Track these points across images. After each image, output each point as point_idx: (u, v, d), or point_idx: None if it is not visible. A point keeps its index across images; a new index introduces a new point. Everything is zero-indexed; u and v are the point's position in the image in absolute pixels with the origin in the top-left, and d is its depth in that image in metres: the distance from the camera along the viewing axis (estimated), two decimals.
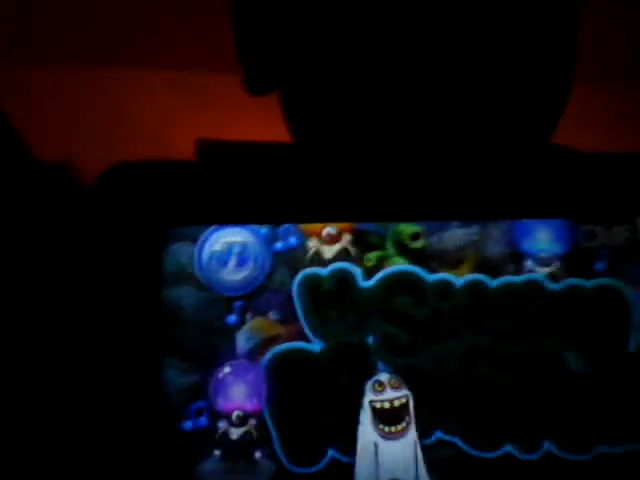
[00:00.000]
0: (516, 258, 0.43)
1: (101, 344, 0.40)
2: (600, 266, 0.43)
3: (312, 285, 0.42)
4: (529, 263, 0.43)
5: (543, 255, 0.43)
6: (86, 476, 0.40)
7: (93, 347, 0.40)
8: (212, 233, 0.42)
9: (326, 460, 0.40)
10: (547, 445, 0.41)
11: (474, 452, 0.41)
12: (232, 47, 0.47)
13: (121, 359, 0.40)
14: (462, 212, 0.43)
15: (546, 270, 0.43)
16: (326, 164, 0.43)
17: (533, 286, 0.42)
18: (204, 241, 0.42)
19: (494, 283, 0.42)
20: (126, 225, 0.41)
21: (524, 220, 0.43)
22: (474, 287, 0.42)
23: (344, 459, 0.41)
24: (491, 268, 0.42)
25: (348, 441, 0.41)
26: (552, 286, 0.42)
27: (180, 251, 0.42)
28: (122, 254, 0.41)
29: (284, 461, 0.40)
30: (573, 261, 0.43)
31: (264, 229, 0.42)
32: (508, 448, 0.41)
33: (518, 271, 0.43)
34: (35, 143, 0.42)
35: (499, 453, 0.41)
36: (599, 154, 0.43)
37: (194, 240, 0.42)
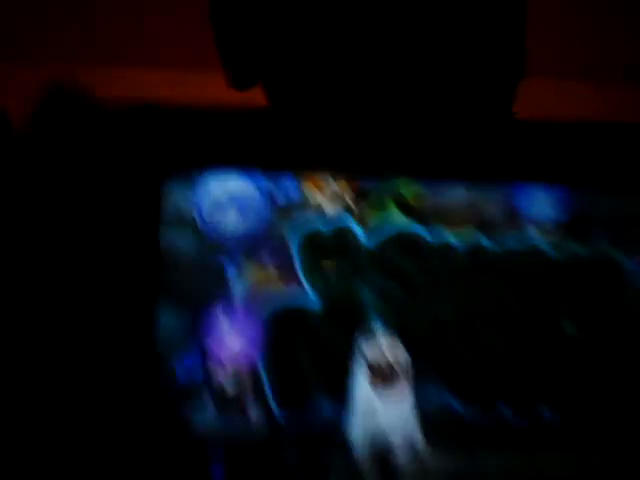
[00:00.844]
0: (515, 221, 0.43)
1: (98, 286, 0.40)
2: (598, 234, 0.43)
3: (312, 240, 0.42)
4: (529, 228, 0.43)
5: (542, 220, 0.43)
6: (80, 423, 0.39)
7: (89, 289, 0.40)
8: (214, 181, 0.42)
9: (319, 412, 0.40)
10: (540, 407, 0.41)
11: (467, 410, 0.41)
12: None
13: (116, 301, 0.40)
14: (465, 173, 0.43)
15: (546, 236, 0.43)
16: (332, 118, 0.43)
17: (532, 251, 0.42)
18: (205, 188, 0.42)
19: (492, 245, 0.42)
20: (128, 168, 0.41)
21: (526, 184, 0.43)
22: (473, 248, 0.42)
23: (337, 413, 0.40)
24: (490, 230, 0.42)
25: (342, 396, 0.41)
26: (551, 252, 0.42)
27: (180, 196, 0.42)
28: (123, 196, 0.41)
29: (277, 412, 0.40)
30: (572, 228, 0.43)
31: (266, 182, 0.42)
32: (502, 408, 0.41)
33: (518, 235, 0.42)
34: None
35: (492, 414, 0.41)
36: (606, 123, 0.43)
37: (195, 186, 0.42)
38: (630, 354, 0.42)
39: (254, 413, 0.40)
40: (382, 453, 0.40)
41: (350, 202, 0.43)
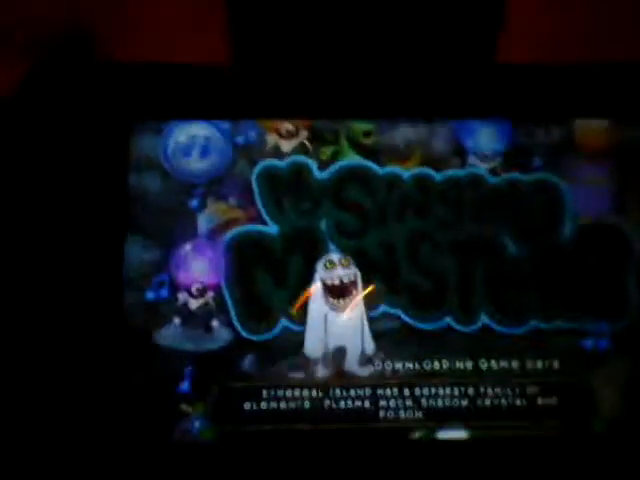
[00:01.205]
0: (460, 154, 0.46)
1: (71, 225, 0.44)
2: (538, 162, 0.46)
3: (270, 175, 0.45)
4: (472, 159, 0.46)
5: (485, 152, 0.47)
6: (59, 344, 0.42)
7: (64, 228, 0.44)
8: (176, 126, 0.46)
9: (279, 329, 0.43)
10: (484, 318, 0.44)
11: (416, 324, 0.44)
12: None
13: (88, 237, 0.43)
14: (410, 111, 0.46)
15: (487, 165, 0.46)
16: (284, 64, 0.47)
17: (475, 179, 0.46)
18: (169, 133, 0.46)
19: (439, 176, 0.46)
20: (96, 118, 0.45)
21: (468, 120, 0.46)
22: (421, 179, 0.46)
23: (295, 328, 0.43)
24: (436, 163, 0.46)
25: (300, 313, 0.44)
26: (493, 180, 0.46)
27: (146, 142, 0.45)
28: (92, 145, 0.45)
29: (239, 329, 0.43)
30: (513, 157, 0.46)
31: (226, 124, 0.46)
32: (448, 320, 0.44)
33: (461, 166, 0.46)
34: None
35: (439, 325, 0.44)
36: (540, 64, 0.46)
37: (159, 132, 0.45)
38: (566, 269, 0.45)
39: (218, 329, 0.44)
40: (337, 360, 0.43)
41: (305, 140, 0.46)
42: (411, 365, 0.43)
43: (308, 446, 0.42)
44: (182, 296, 0.44)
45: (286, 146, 0.46)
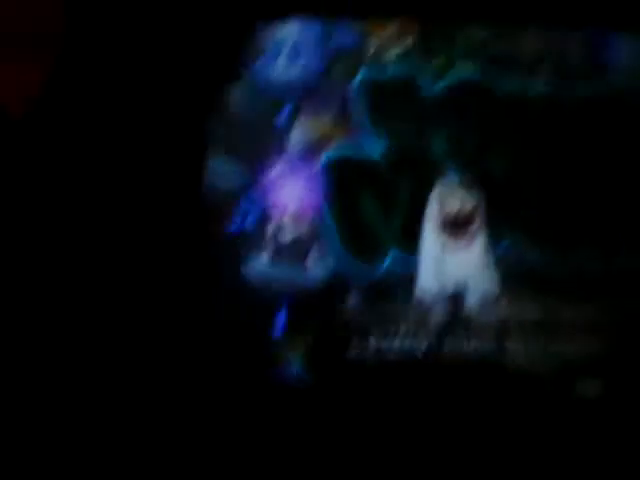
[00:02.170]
0: (596, 67, 0.39)
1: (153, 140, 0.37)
2: None
3: (372, 88, 0.38)
4: (610, 73, 0.39)
5: (622, 66, 0.39)
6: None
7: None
8: (261, 29, 0.38)
9: (388, 262, 0.37)
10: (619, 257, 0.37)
11: (542, 259, 0.37)
12: None
13: (168, 153, 0.36)
14: (537, 16, 0.39)
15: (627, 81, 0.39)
16: None
17: (614, 97, 0.39)
18: (252, 38, 0.38)
19: (567, 93, 0.39)
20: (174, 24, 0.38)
21: (604, 29, 0.39)
22: (551, 97, 0.39)
23: (407, 261, 0.37)
24: (568, 78, 0.39)
25: (413, 241, 0.37)
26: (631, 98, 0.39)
27: (241, 47, 0.38)
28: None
29: (343, 262, 0.36)
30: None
31: (318, 25, 0.39)
32: (580, 255, 0.37)
33: (595, 82, 0.39)
34: None
35: (567, 263, 0.37)
36: None
37: (243, 37, 0.38)
38: None
39: (317, 262, 0.37)
40: (454, 301, 0.36)
41: (412, 47, 0.39)
42: (537, 313, 0.36)
43: (420, 401, 0.35)
44: (273, 225, 0.37)
45: (390, 53, 0.39)
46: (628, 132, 0.39)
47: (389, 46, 0.40)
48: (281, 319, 0.36)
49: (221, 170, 0.38)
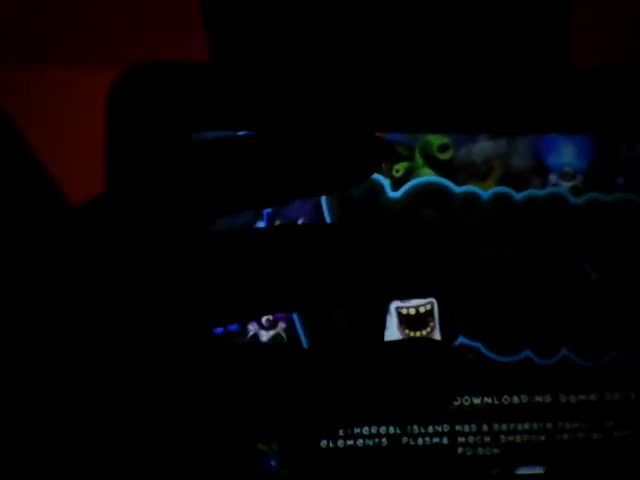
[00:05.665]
0: (541, 172, 0.43)
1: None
2: (620, 181, 0.44)
3: (341, 194, 0.42)
4: (553, 177, 0.44)
5: (567, 169, 0.44)
6: None
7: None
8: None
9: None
10: (564, 351, 0.43)
11: (494, 356, 0.42)
12: None
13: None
14: (490, 125, 0.43)
15: (569, 184, 0.44)
16: (355, 73, 0.43)
17: (556, 199, 0.43)
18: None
19: (519, 196, 0.43)
20: (149, 128, 0.41)
21: (550, 135, 0.43)
22: (499, 199, 0.43)
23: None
24: (516, 181, 0.43)
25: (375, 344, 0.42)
26: (574, 199, 0.44)
27: None
28: (146, 157, 0.41)
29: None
30: (595, 176, 0.44)
31: None
32: (527, 353, 0.42)
33: (542, 184, 0.43)
34: None
35: (518, 358, 0.42)
36: (625, 69, 0.43)
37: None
38: None
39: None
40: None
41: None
42: (490, 400, 0.42)
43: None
44: (252, 327, 0.42)
45: None
46: (565, 228, 0.44)
47: None
48: None
49: None
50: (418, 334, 0.43)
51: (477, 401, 0.42)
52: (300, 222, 0.43)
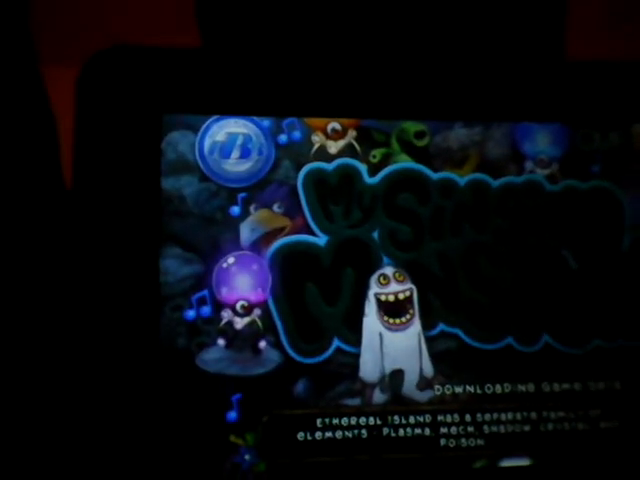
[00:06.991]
0: (517, 159, 0.43)
1: (99, 235, 0.39)
2: (595, 169, 0.44)
3: (317, 179, 0.41)
4: (529, 164, 0.43)
5: (542, 157, 0.44)
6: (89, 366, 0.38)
7: (92, 237, 0.39)
8: (214, 123, 0.41)
9: (331, 350, 0.40)
10: (545, 338, 0.42)
11: (475, 344, 0.41)
12: None
13: (120, 248, 0.39)
14: (466, 113, 0.43)
15: (545, 172, 0.43)
16: (333, 58, 0.42)
17: (532, 186, 0.43)
18: (205, 131, 0.41)
19: (495, 183, 0.43)
20: (123, 111, 0.40)
21: (525, 123, 0.43)
22: (476, 186, 0.43)
23: (349, 349, 0.40)
24: (493, 168, 0.43)
25: (353, 332, 0.41)
26: (550, 187, 0.43)
27: (180, 140, 0.41)
28: (119, 142, 0.40)
29: (289, 351, 0.40)
30: (570, 163, 0.44)
31: (267, 121, 0.41)
32: (509, 340, 0.41)
33: (518, 172, 0.43)
34: None
35: (500, 345, 0.41)
36: (598, 61, 0.44)
37: (195, 129, 0.41)
38: (628, 284, 0.43)
39: (266, 351, 0.40)
40: (394, 382, 0.40)
41: (353, 141, 0.42)
42: (472, 389, 0.41)
43: (366, 477, 0.39)
44: (226, 314, 0.40)
45: (333, 147, 0.42)
46: (544, 215, 0.44)
47: (332, 141, 0.43)
48: (235, 406, 0.39)
49: (175, 260, 0.40)
50: (397, 321, 0.41)
51: (459, 390, 0.41)
52: (276, 207, 0.42)
